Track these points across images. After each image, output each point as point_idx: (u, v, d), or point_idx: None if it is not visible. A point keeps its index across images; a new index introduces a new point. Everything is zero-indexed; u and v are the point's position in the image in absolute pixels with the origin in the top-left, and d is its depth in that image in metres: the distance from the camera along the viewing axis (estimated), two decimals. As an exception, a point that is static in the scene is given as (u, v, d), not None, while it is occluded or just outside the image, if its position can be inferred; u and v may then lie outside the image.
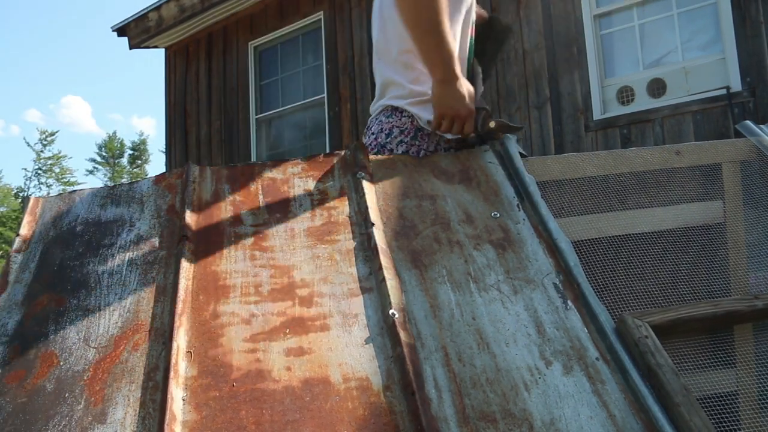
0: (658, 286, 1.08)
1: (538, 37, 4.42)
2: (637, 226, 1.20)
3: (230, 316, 0.92)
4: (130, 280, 1.00)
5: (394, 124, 1.38)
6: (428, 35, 1.24)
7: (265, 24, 6.16)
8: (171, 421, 0.75)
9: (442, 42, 1.24)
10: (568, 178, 1.28)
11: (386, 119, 1.40)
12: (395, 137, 1.37)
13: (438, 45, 1.24)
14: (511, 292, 0.99)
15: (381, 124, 1.40)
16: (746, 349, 1.04)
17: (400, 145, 1.36)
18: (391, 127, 1.38)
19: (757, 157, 1.32)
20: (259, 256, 1.03)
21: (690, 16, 3.95)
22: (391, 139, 1.37)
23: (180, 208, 1.13)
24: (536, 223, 1.13)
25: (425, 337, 0.91)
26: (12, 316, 0.94)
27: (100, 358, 0.87)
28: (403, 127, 1.37)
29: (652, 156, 1.30)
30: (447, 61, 1.26)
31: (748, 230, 1.24)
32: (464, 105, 1.29)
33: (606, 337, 0.93)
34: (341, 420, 0.78)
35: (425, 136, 1.37)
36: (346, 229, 1.09)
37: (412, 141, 1.36)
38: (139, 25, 6.69)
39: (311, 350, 0.87)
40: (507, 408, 0.82)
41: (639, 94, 4.06)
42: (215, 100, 6.51)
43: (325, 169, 1.24)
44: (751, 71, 3.60)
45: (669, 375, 0.86)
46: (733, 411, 0.94)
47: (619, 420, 0.82)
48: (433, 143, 1.38)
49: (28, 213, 1.15)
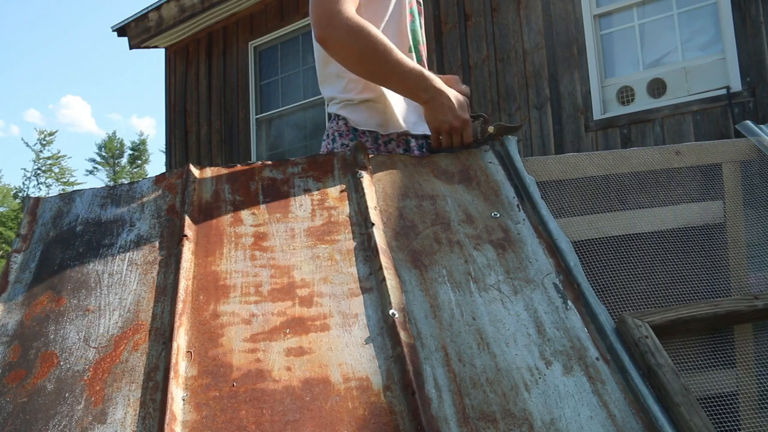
0: (659, 286, 1.08)
1: (538, 37, 4.42)
2: (637, 226, 1.20)
3: (230, 316, 0.92)
4: (130, 280, 1.00)
5: (334, 129, 1.46)
6: (387, 76, 1.28)
7: (265, 24, 6.16)
8: (171, 421, 0.75)
9: (403, 74, 1.26)
10: (568, 178, 1.28)
11: (329, 126, 1.50)
12: (337, 140, 1.45)
13: (401, 77, 1.27)
14: (511, 292, 0.99)
15: (327, 131, 1.50)
16: (746, 349, 1.04)
17: (343, 147, 1.42)
18: (333, 132, 1.46)
19: (757, 157, 1.32)
20: (259, 256, 1.03)
21: (690, 16, 3.95)
22: (335, 143, 1.45)
23: (180, 208, 1.13)
24: (536, 223, 1.13)
25: (425, 337, 0.91)
26: (12, 316, 0.94)
27: (100, 358, 0.87)
28: (340, 130, 1.44)
29: (652, 156, 1.30)
30: (420, 84, 1.28)
31: (748, 230, 1.24)
32: (455, 116, 1.29)
33: (606, 337, 0.93)
34: (341, 420, 0.78)
35: (364, 134, 1.42)
36: (346, 229, 1.09)
37: (353, 140, 1.42)
38: (139, 25, 6.69)
39: (311, 350, 0.87)
40: (507, 408, 0.82)
41: (639, 94, 4.06)
42: (215, 100, 6.51)
43: (325, 169, 1.24)
44: (751, 71, 3.60)
45: (669, 375, 0.86)
46: (733, 411, 0.94)
47: (619, 420, 0.82)
48: (379, 140, 1.42)
49: (28, 213, 1.16)
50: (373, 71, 1.28)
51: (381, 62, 1.24)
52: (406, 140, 1.43)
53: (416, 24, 1.47)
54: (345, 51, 1.25)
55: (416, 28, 1.47)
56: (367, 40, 1.22)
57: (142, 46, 6.92)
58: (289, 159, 1.27)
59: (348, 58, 1.27)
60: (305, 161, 1.26)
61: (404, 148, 1.42)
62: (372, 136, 1.42)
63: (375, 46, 1.23)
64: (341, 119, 1.45)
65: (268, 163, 1.25)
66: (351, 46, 1.23)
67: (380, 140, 1.42)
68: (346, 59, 1.27)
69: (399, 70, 1.26)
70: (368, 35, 1.22)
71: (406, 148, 1.43)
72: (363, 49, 1.22)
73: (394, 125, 1.41)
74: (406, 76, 1.27)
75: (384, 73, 1.27)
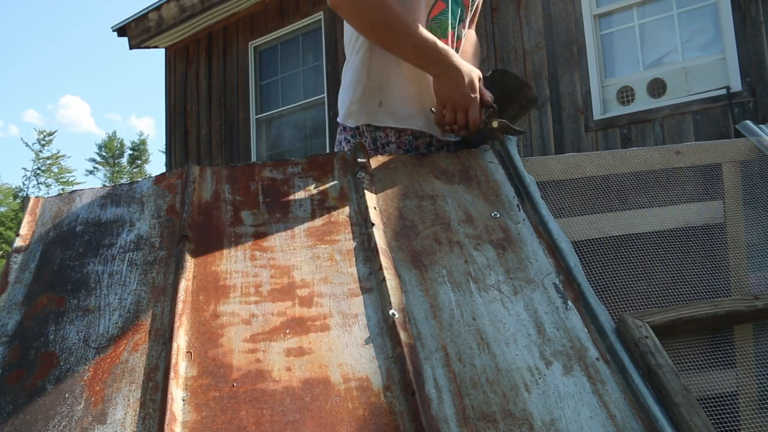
0: (659, 286, 1.08)
1: (538, 37, 4.42)
2: (637, 226, 1.20)
3: (230, 316, 0.92)
4: (130, 280, 1.00)
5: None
6: (400, 44, 1.27)
7: (265, 24, 6.16)
8: (171, 422, 0.75)
9: (417, 44, 1.25)
10: (568, 178, 1.28)
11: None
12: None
13: (415, 47, 1.26)
14: (511, 293, 0.99)
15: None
16: (746, 349, 1.04)
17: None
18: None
19: (757, 157, 1.32)
20: (259, 256, 1.03)
21: (690, 16, 3.95)
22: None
23: (180, 208, 1.13)
24: (536, 223, 1.13)
25: (425, 337, 0.91)
26: (12, 316, 0.94)
27: (100, 359, 0.87)
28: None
29: (652, 156, 1.30)
30: (432, 56, 1.27)
31: (748, 230, 1.24)
32: (462, 93, 1.28)
33: (606, 338, 0.93)
34: (341, 420, 0.78)
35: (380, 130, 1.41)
36: (346, 229, 1.09)
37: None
38: (139, 25, 6.69)
39: (311, 350, 0.87)
40: (507, 408, 0.82)
41: (639, 94, 4.06)
42: (215, 100, 6.51)
43: (325, 169, 1.24)
44: (751, 71, 3.60)
45: (669, 375, 0.86)
46: (733, 411, 0.94)
47: (619, 420, 0.82)
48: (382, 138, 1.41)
49: (28, 213, 1.15)
50: (386, 38, 1.26)
51: (394, 30, 1.23)
52: (408, 140, 1.41)
53: (447, 15, 1.43)
54: (358, 16, 1.25)
55: (446, 18, 1.43)
56: (380, 6, 1.21)
57: (142, 46, 6.92)
58: (289, 159, 1.27)
59: (361, 25, 1.26)
60: (305, 161, 1.26)
61: (406, 149, 1.41)
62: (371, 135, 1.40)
63: (388, 13, 1.22)
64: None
65: (268, 163, 1.25)
66: (363, 12, 1.23)
67: (379, 141, 1.40)
68: (360, 25, 1.27)
69: (413, 40, 1.24)
70: (381, 1, 1.21)
71: (408, 149, 1.41)
72: (376, 15, 1.22)
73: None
74: (419, 46, 1.25)
75: (397, 41, 1.26)
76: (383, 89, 1.37)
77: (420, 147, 1.41)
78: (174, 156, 6.87)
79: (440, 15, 1.41)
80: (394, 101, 1.38)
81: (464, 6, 1.46)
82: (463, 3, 1.46)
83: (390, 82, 1.37)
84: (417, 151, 1.41)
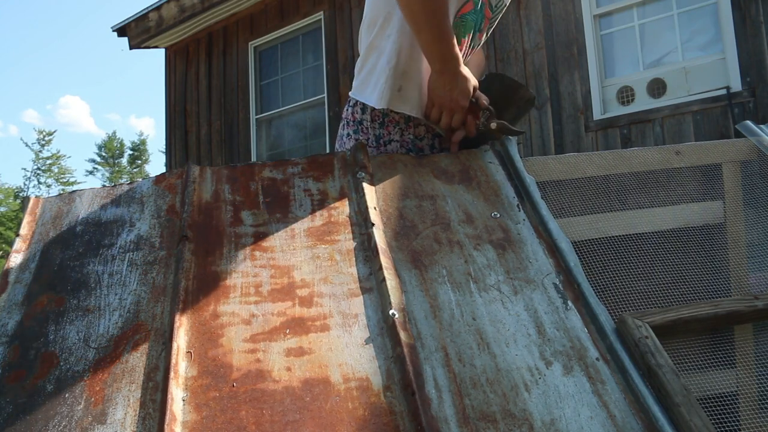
0: (659, 286, 1.08)
1: (538, 37, 4.42)
2: (637, 226, 1.20)
3: (230, 316, 0.92)
4: (130, 280, 1.00)
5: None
6: (429, 31, 1.27)
7: (265, 24, 6.16)
8: (171, 422, 0.75)
9: (442, 37, 1.27)
10: (568, 178, 1.28)
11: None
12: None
13: (437, 39, 1.27)
14: (512, 293, 0.99)
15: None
16: (746, 349, 1.04)
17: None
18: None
19: (757, 157, 1.32)
20: (259, 257, 1.03)
21: (690, 16, 3.95)
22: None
23: (180, 208, 1.13)
24: (536, 224, 1.13)
25: (425, 337, 0.91)
26: (12, 316, 0.94)
27: (100, 359, 0.87)
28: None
29: (652, 156, 1.30)
30: (443, 54, 1.28)
31: (748, 230, 1.24)
32: (451, 97, 1.31)
33: (606, 338, 0.93)
34: (341, 420, 0.78)
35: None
36: (346, 229, 1.09)
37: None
38: (139, 25, 6.69)
39: (311, 350, 0.87)
40: (507, 408, 0.82)
41: (639, 94, 4.06)
42: (215, 100, 6.51)
43: (325, 169, 1.24)
44: (751, 71, 3.60)
45: (669, 375, 0.86)
46: (733, 411, 0.94)
47: (619, 420, 0.82)
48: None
49: (28, 213, 1.15)
50: (424, 18, 1.27)
51: (435, 14, 1.25)
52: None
53: (473, 16, 1.44)
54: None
55: (472, 19, 1.44)
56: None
57: (142, 46, 6.91)
58: (289, 159, 1.27)
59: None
60: (305, 161, 1.26)
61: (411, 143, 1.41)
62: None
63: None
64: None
65: (268, 163, 1.25)
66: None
67: (382, 140, 1.41)
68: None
69: (440, 29, 1.26)
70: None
71: (410, 149, 1.41)
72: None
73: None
74: (441, 37, 1.27)
75: (431, 24, 1.27)
76: (406, 74, 1.40)
77: (424, 149, 1.42)
78: (174, 156, 6.86)
79: (468, 14, 1.44)
80: (413, 88, 1.40)
81: (484, 17, 1.49)
82: (484, 14, 1.48)
83: (413, 69, 1.39)
84: (420, 152, 1.41)
